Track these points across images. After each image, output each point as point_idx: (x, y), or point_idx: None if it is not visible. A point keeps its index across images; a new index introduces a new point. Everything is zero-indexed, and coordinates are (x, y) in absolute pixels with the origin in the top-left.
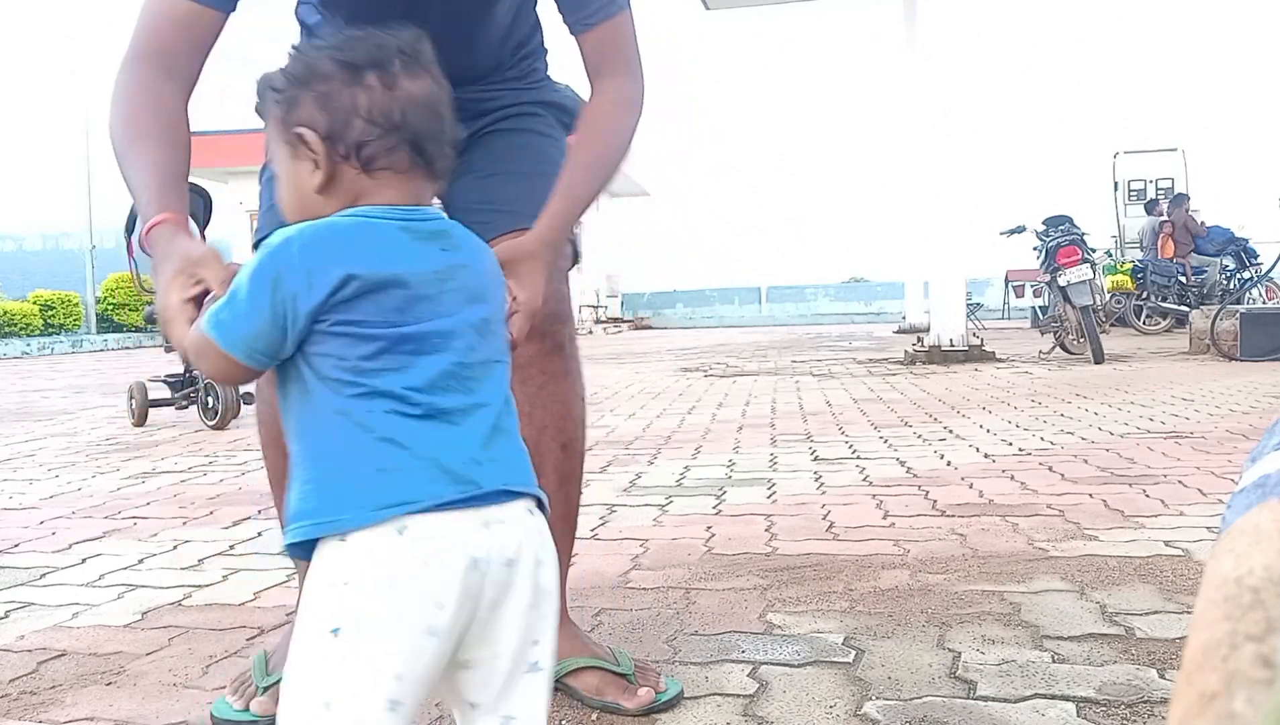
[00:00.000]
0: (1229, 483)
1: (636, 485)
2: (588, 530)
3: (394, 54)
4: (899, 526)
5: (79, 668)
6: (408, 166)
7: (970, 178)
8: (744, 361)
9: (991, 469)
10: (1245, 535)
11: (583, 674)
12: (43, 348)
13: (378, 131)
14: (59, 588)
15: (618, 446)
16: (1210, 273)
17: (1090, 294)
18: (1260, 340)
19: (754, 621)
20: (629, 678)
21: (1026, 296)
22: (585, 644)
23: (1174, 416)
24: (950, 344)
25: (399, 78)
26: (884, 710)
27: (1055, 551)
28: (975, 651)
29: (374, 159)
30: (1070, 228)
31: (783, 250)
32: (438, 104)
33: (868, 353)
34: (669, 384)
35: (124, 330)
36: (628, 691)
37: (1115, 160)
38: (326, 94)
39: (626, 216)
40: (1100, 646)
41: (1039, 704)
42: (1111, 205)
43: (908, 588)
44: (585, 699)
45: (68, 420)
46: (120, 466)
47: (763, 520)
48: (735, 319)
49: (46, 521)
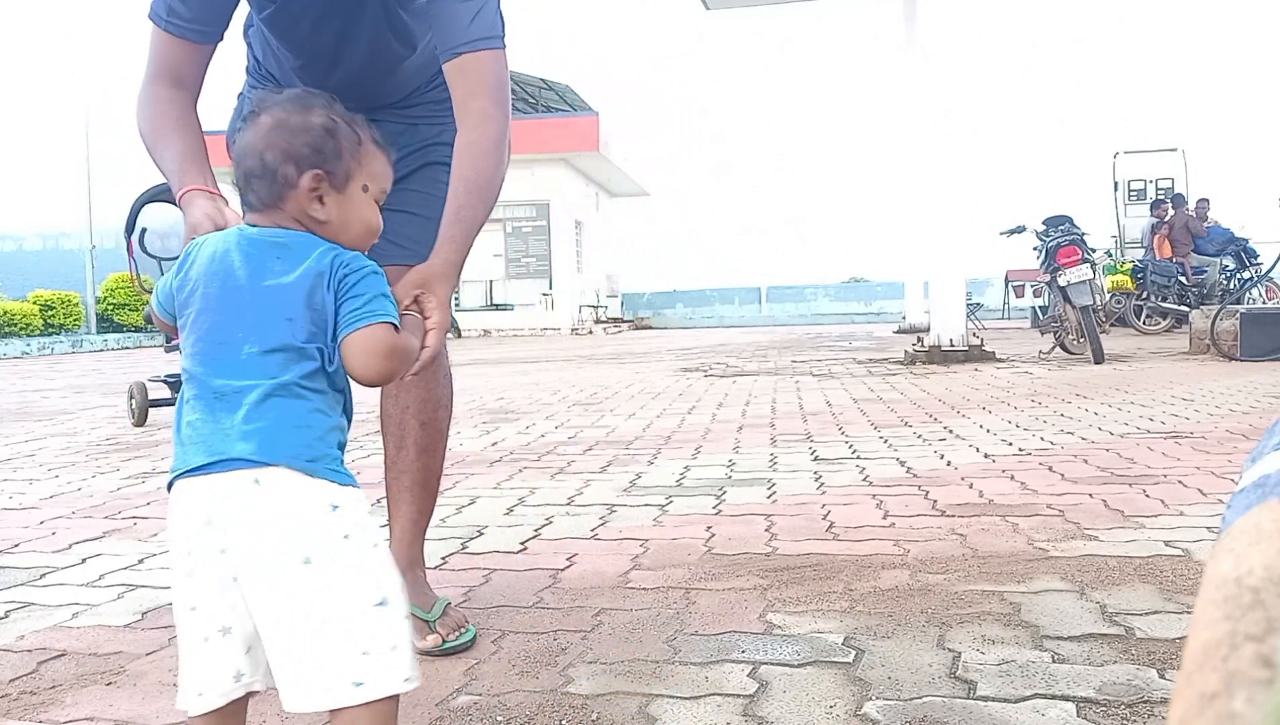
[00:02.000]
0: (1229, 483)
1: (636, 485)
2: (588, 530)
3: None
4: (899, 526)
5: (79, 668)
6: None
7: (970, 178)
8: (744, 361)
9: (991, 469)
10: (1245, 535)
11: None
12: (43, 348)
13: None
14: (59, 588)
15: (618, 446)
16: (1210, 273)
17: (1090, 294)
18: (1260, 340)
19: (754, 621)
20: (430, 623)
21: (1026, 296)
22: (414, 593)
23: (1174, 416)
24: (950, 344)
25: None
26: (884, 710)
27: (1055, 551)
28: (975, 651)
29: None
30: (1070, 228)
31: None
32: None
33: (868, 353)
34: (669, 384)
35: (124, 330)
36: (425, 635)
37: (1115, 160)
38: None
39: (626, 216)
40: (1100, 646)
41: (1039, 704)
42: (1111, 205)
43: (908, 588)
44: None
45: (68, 420)
46: (120, 466)
47: (763, 520)
48: (735, 319)
49: (46, 521)
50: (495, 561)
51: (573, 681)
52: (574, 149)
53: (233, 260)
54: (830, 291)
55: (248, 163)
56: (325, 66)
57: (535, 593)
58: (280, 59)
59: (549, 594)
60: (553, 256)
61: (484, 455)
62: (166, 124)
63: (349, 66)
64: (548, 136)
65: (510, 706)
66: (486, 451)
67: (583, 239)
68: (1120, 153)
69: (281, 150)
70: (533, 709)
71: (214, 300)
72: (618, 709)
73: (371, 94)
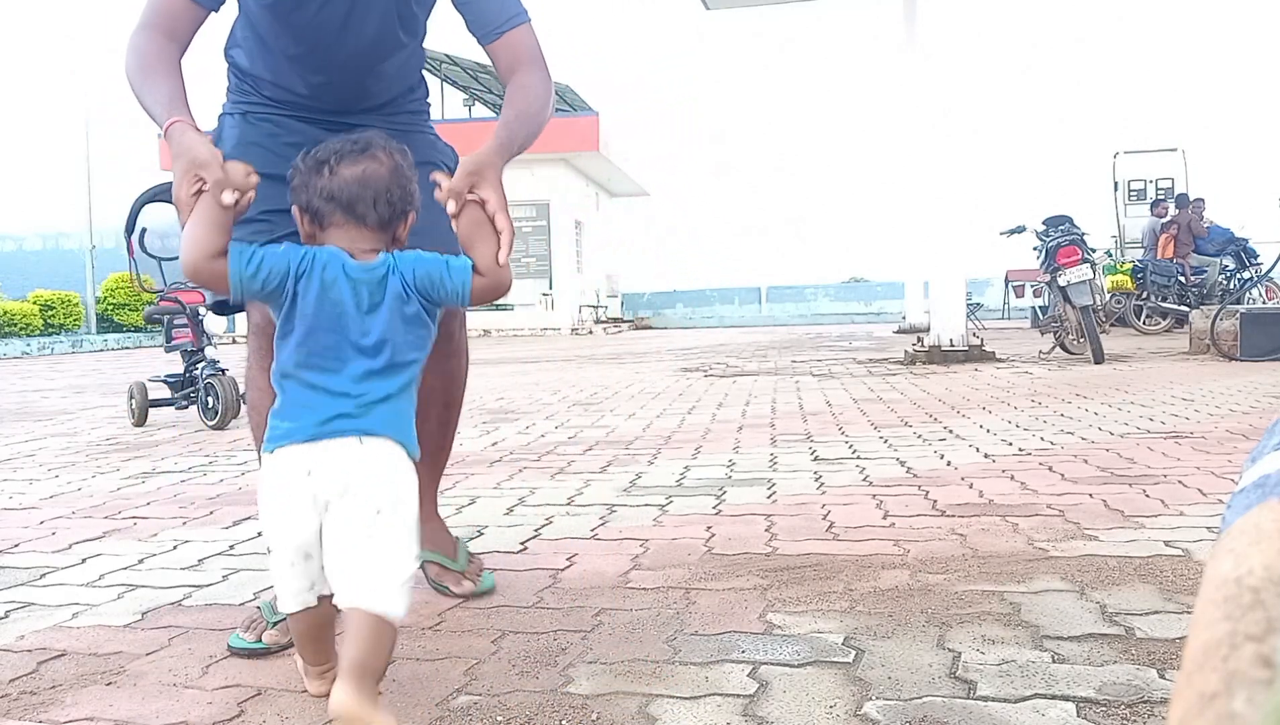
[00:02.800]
0: (1229, 483)
1: (636, 485)
2: (588, 530)
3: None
4: (899, 526)
5: (79, 668)
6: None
7: (970, 178)
8: (744, 361)
9: (991, 469)
10: (1245, 535)
11: (428, 565)
12: (43, 348)
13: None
14: (59, 588)
15: (618, 446)
16: (1210, 273)
17: (1090, 294)
18: (1260, 340)
19: (754, 621)
20: (461, 573)
21: (1026, 296)
22: (435, 540)
23: (1174, 416)
24: (950, 344)
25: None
26: (884, 710)
27: (1055, 551)
28: (975, 651)
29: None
30: (1070, 228)
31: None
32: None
33: (868, 353)
34: (669, 384)
35: (124, 330)
36: (458, 581)
37: (1115, 160)
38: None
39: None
40: (1100, 646)
41: (1039, 704)
42: (1111, 205)
43: (908, 588)
44: (430, 581)
45: (68, 420)
46: (120, 466)
47: (763, 520)
48: (735, 319)
49: (46, 521)
50: (495, 561)
51: (573, 681)
52: (574, 149)
53: (344, 291)
54: (830, 291)
55: (375, 189)
56: (324, 55)
57: (535, 593)
58: (276, 53)
59: (549, 594)
60: (553, 256)
61: (484, 455)
62: (158, 65)
63: (350, 53)
64: (547, 136)
65: (510, 706)
66: (486, 451)
67: (583, 239)
68: (1120, 153)
69: (402, 190)
70: (533, 709)
71: (327, 319)
72: (618, 709)
73: (362, 91)
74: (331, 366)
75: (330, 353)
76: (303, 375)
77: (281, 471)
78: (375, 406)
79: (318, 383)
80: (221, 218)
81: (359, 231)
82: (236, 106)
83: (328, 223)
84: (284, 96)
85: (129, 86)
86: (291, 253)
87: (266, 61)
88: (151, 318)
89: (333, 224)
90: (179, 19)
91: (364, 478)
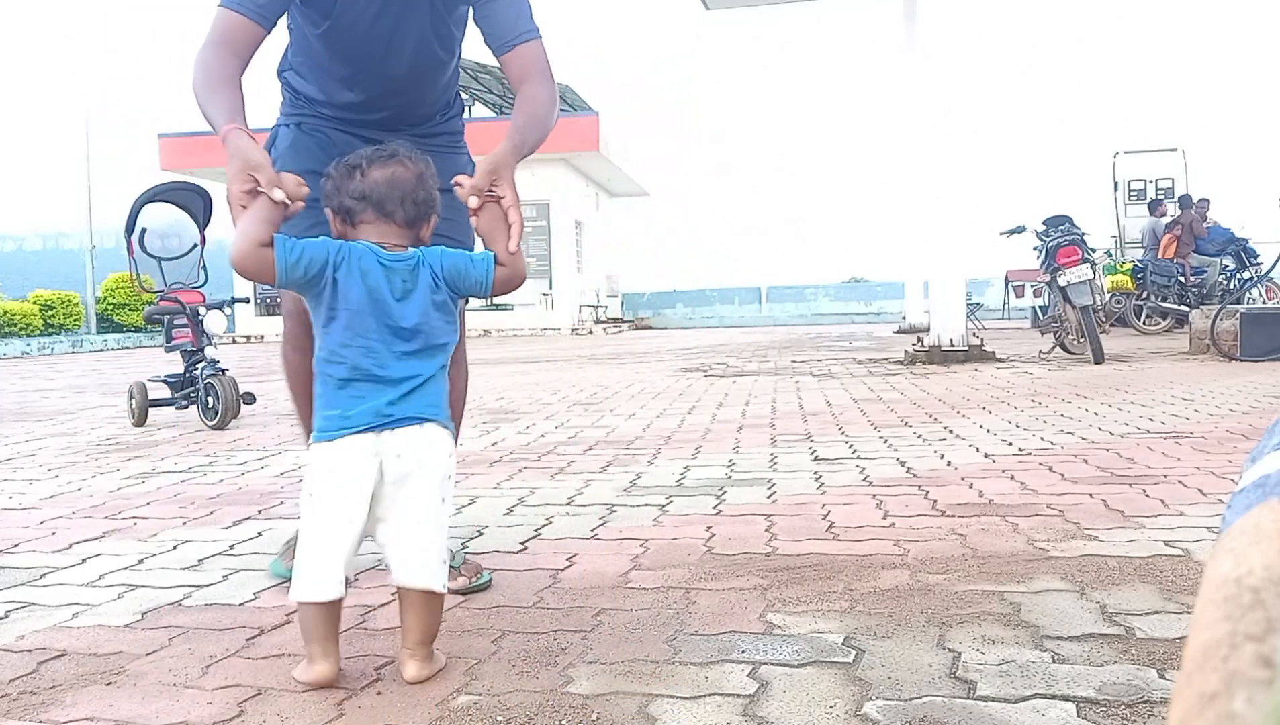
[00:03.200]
0: (1229, 483)
1: (636, 485)
2: (588, 530)
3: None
4: (899, 526)
5: (79, 668)
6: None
7: (970, 178)
8: (744, 361)
9: (991, 469)
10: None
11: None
12: (43, 348)
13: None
14: (59, 588)
15: (618, 446)
16: (1210, 273)
17: (1090, 294)
18: (1260, 340)
19: (754, 621)
20: (456, 569)
21: (1026, 296)
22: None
23: (1174, 416)
24: (950, 344)
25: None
26: (884, 710)
27: (1055, 551)
28: (975, 651)
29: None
30: (1070, 228)
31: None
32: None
33: (868, 353)
34: (669, 384)
35: (124, 330)
36: (453, 577)
37: (1115, 160)
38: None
39: (626, 216)
40: (1100, 646)
41: (1039, 704)
42: (1111, 205)
43: (908, 588)
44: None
45: (68, 420)
46: (120, 466)
47: (763, 520)
48: (735, 319)
49: (46, 521)
50: (495, 561)
51: (573, 681)
52: (574, 149)
53: (379, 278)
54: (830, 291)
55: (402, 190)
56: (373, 74)
57: (535, 593)
58: (326, 76)
59: (549, 594)
60: (553, 256)
61: (484, 455)
62: (223, 79)
63: (395, 71)
64: (548, 136)
65: (510, 706)
66: (486, 451)
67: (583, 239)
68: (1120, 153)
69: (426, 193)
70: (533, 709)
71: (367, 306)
72: (618, 709)
73: (407, 109)
74: (375, 350)
75: (373, 336)
76: (349, 358)
77: (346, 458)
78: (421, 391)
79: (364, 367)
80: (273, 214)
81: (388, 227)
82: (290, 118)
83: (359, 220)
84: (333, 113)
85: (194, 98)
86: (330, 244)
87: (319, 82)
88: (151, 318)
89: (363, 221)
90: (241, 40)
91: (427, 463)
